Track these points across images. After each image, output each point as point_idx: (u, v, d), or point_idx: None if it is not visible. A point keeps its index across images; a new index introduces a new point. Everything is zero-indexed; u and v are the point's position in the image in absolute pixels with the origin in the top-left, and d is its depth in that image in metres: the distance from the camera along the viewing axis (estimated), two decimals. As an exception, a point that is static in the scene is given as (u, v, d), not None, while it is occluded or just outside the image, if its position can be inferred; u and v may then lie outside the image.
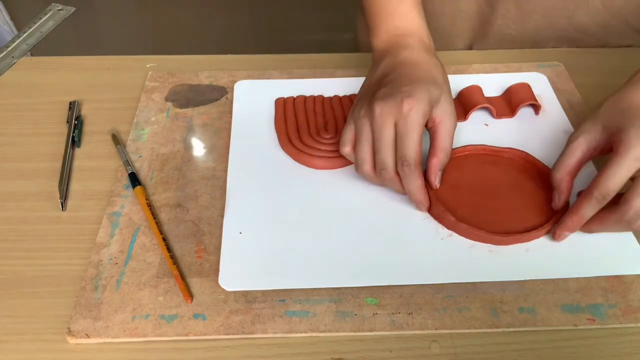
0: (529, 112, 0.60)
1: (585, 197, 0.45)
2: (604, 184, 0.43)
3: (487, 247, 0.47)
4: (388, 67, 0.51)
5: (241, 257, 0.46)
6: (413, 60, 0.51)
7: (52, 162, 0.55)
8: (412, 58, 0.51)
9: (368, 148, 0.47)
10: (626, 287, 0.44)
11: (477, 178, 0.51)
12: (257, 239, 0.47)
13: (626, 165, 0.43)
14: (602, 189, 0.43)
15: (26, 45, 0.72)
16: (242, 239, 0.47)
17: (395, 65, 0.51)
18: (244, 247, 0.47)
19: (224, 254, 0.46)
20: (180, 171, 0.54)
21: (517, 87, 0.60)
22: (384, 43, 0.54)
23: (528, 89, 0.60)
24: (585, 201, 0.45)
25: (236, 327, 0.42)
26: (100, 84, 0.65)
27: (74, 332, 0.41)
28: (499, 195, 0.50)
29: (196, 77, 0.65)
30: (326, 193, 0.51)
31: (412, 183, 0.47)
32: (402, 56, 0.51)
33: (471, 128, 0.58)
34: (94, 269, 0.46)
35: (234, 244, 0.47)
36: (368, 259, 0.46)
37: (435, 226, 0.48)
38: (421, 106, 0.46)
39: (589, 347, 0.41)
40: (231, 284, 0.44)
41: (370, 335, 0.42)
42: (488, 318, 0.42)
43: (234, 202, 0.50)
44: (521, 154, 0.54)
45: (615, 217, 0.44)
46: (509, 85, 0.61)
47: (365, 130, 0.47)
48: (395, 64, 0.51)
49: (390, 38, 0.54)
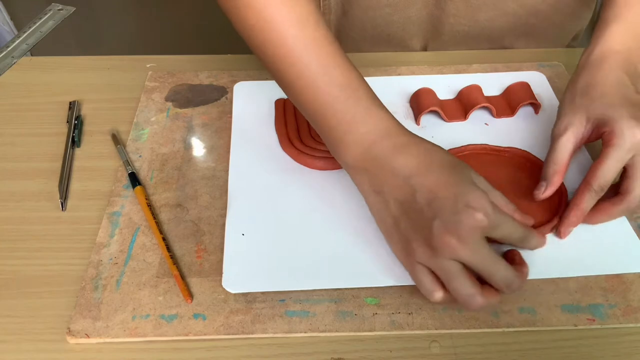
0: (528, 111, 0.60)
1: (585, 191, 0.46)
2: (602, 176, 0.45)
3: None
4: (399, 190, 0.42)
5: (244, 259, 0.46)
6: (418, 165, 0.42)
7: (52, 162, 0.55)
8: (414, 163, 0.43)
9: (469, 280, 0.39)
10: (626, 287, 0.44)
11: None
12: (260, 241, 0.47)
13: (620, 157, 0.45)
14: (601, 181, 0.45)
15: (26, 45, 0.72)
16: (244, 240, 0.47)
17: (408, 185, 0.42)
18: (247, 248, 0.47)
19: (226, 255, 0.46)
20: (180, 171, 0.54)
21: (517, 87, 0.60)
22: (359, 160, 0.44)
23: (527, 88, 0.60)
24: (585, 194, 0.46)
25: (236, 327, 0.42)
26: (100, 84, 0.65)
27: (74, 332, 0.41)
28: None
29: (196, 77, 0.65)
30: (328, 193, 0.51)
31: (535, 242, 0.44)
32: (403, 169, 0.42)
33: (471, 127, 0.58)
34: (94, 269, 0.46)
35: (236, 245, 0.47)
36: (371, 260, 0.46)
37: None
38: (488, 203, 0.40)
39: (589, 347, 0.41)
40: (235, 286, 0.44)
41: (370, 335, 0.42)
42: (488, 318, 0.42)
43: (236, 203, 0.50)
44: (522, 153, 0.54)
45: (621, 206, 0.46)
46: (509, 84, 0.61)
47: (452, 267, 0.39)
48: (407, 182, 0.42)
49: (364, 151, 0.44)
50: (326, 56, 0.45)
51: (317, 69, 0.44)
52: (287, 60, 0.45)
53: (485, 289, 0.40)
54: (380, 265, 0.45)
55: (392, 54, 0.69)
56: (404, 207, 0.42)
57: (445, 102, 0.60)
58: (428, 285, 0.41)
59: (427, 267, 0.41)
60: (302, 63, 0.44)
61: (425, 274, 0.41)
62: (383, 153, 0.43)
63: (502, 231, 0.41)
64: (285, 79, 0.46)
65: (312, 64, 0.44)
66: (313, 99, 0.45)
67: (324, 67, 0.45)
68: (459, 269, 0.39)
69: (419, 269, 0.41)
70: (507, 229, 0.41)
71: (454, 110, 0.60)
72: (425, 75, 0.64)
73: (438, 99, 0.60)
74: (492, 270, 0.40)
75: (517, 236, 0.42)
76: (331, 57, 0.45)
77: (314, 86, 0.45)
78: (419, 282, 0.42)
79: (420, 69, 0.66)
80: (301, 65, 0.44)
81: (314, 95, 0.45)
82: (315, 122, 0.47)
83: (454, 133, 0.56)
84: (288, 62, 0.45)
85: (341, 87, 0.45)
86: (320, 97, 0.45)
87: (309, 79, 0.45)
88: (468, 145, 0.55)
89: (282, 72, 0.45)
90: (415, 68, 0.66)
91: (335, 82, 0.44)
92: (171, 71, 0.66)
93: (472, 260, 0.39)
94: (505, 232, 0.41)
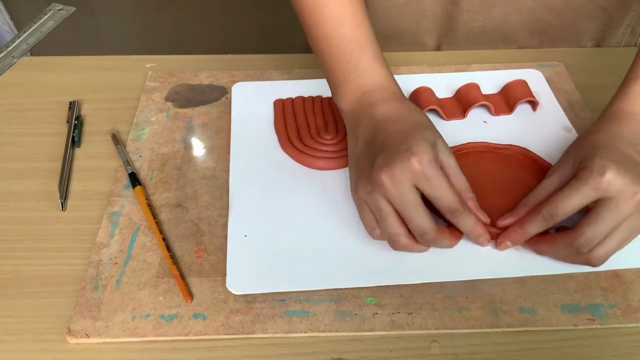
0: (526, 108, 0.60)
1: (533, 213, 0.45)
2: (555, 204, 0.43)
3: (492, 243, 0.47)
4: (369, 131, 0.47)
5: (248, 260, 0.46)
6: (392, 115, 0.47)
7: (52, 162, 0.55)
8: (391, 112, 0.47)
9: (395, 221, 0.43)
10: (626, 287, 0.44)
11: (479, 175, 0.52)
12: (262, 242, 0.47)
13: (582, 191, 0.42)
14: (551, 208, 0.43)
15: (26, 45, 0.72)
16: (247, 242, 0.47)
17: (376, 128, 0.47)
18: (250, 250, 0.47)
19: (230, 257, 0.46)
20: (180, 171, 0.54)
21: (514, 84, 0.61)
22: (353, 104, 0.50)
23: (525, 85, 0.60)
24: (532, 216, 0.45)
25: (236, 327, 0.42)
26: (100, 84, 0.65)
27: (74, 332, 0.41)
28: (501, 192, 0.50)
29: (196, 77, 0.65)
30: (329, 193, 0.51)
31: (467, 222, 0.45)
32: (379, 115, 0.47)
33: (470, 126, 0.58)
34: (94, 269, 0.46)
35: (239, 247, 0.47)
36: (375, 259, 0.46)
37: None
38: (429, 156, 0.43)
39: (589, 347, 0.41)
40: (239, 288, 0.44)
41: (370, 335, 0.42)
42: (488, 318, 0.42)
43: (237, 205, 0.50)
44: (521, 150, 0.54)
45: (565, 241, 0.43)
46: (506, 82, 0.61)
47: (383, 206, 0.43)
48: (376, 125, 0.47)
49: (358, 98, 0.49)
50: (343, 12, 0.50)
51: (332, 22, 0.50)
52: (309, 7, 0.51)
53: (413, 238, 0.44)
54: (384, 265, 0.45)
55: (392, 54, 0.69)
56: (366, 147, 0.47)
57: (443, 100, 0.60)
58: (370, 221, 0.45)
59: (368, 206, 0.45)
60: (322, 13, 0.50)
61: (368, 211, 0.45)
62: (371, 101, 0.48)
63: (431, 187, 0.43)
64: (305, 23, 0.52)
65: (329, 17, 0.50)
66: (325, 45, 0.51)
67: (339, 21, 0.50)
68: (390, 211, 0.43)
69: (364, 206, 0.45)
70: (437, 187, 0.43)
71: (453, 108, 0.60)
72: (423, 74, 0.65)
73: (436, 97, 0.60)
74: (411, 216, 0.43)
75: (446, 203, 0.44)
76: (348, 13, 0.50)
77: (327, 37, 0.50)
78: (362, 218, 0.46)
79: (420, 68, 0.66)
80: (320, 15, 0.50)
81: (326, 43, 0.51)
82: (323, 68, 0.52)
83: (453, 131, 0.56)
84: (309, 10, 0.51)
85: (350, 41, 0.50)
86: (331, 47, 0.50)
87: (324, 29, 0.51)
88: (468, 144, 0.55)
89: (303, 17, 0.52)
90: (414, 67, 0.66)
91: (345, 36, 0.50)
92: (171, 71, 0.66)
93: (396, 201, 0.43)
94: (436, 191, 0.43)
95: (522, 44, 0.73)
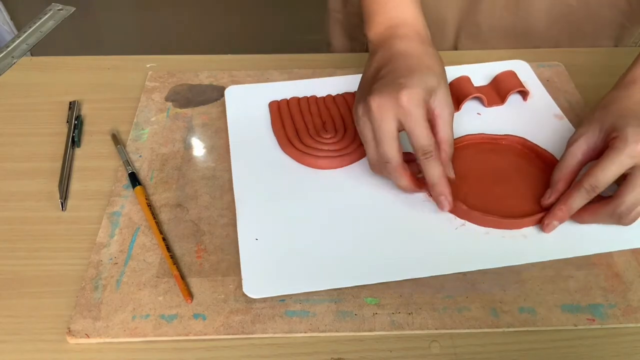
0: (517, 98, 0.61)
1: (575, 188, 0.46)
2: (595, 176, 0.45)
3: (501, 232, 0.47)
4: (383, 59, 0.50)
5: (263, 264, 0.45)
6: (408, 51, 0.50)
7: (52, 162, 0.55)
8: (407, 49, 0.50)
9: (374, 148, 0.47)
10: (626, 287, 0.44)
11: (480, 166, 0.52)
12: (274, 244, 0.47)
13: (619, 160, 0.44)
14: (592, 181, 0.45)
15: (26, 45, 0.72)
16: (259, 245, 0.47)
17: (389, 58, 0.50)
18: (263, 253, 0.46)
19: (243, 262, 0.46)
20: (180, 171, 0.54)
21: (504, 76, 0.62)
22: (379, 35, 0.53)
23: (514, 76, 0.61)
24: (574, 191, 0.46)
25: (236, 327, 0.42)
26: (100, 84, 0.65)
27: (74, 332, 0.41)
28: (504, 181, 0.51)
29: (196, 77, 0.65)
30: (335, 192, 0.51)
31: (434, 170, 0.46)
32: (396, 47, 0.50)
33: (465, 118, 0.59)
34: (94, 269, 0.46)
35: (251, 251, 0.46)
36: (387, 255, 0.46)
37: (447, 217, 0.49)
38: (419, 96, 0.45)
39: (589, 347, 0.41)
40: (257, 291, 0.44)
41: (370, 335, 0.42)
42: (488, 318, 0.42)
43: (244, 208, 0.50)
44: (519, 139, 0.55)
45: (608, 209, 0.45)
46: (494, 74, 0.62)
47: (366, 129, 0.47)
48: (390, 56, 0.50)
49: (384, 30, 0.52)
50: None
51: None
52: None
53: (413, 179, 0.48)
54: (400, 260, 0.45)
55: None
56: (374, 73, 0.50)
57: None
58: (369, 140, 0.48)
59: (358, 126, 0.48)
60: None
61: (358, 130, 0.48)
62: (394, 35, 0.51)
63: (410, 122, 0.45)
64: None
65: None
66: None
67: None
68: (371, 136, 0.47)
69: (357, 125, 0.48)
70: (415, 124, 0.45)
71: None
72: None
73: None
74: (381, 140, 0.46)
75: (420, 142, 0.45)
76: None
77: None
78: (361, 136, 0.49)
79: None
80: None
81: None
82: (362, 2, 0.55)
83: None
84: None
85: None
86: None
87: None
88: (466, 136, 0.55)
89: None
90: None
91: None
92: (171, 71, 0.66)
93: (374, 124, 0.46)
94: (413, 128, 0.45)
95: (542, 33, 0.73)
